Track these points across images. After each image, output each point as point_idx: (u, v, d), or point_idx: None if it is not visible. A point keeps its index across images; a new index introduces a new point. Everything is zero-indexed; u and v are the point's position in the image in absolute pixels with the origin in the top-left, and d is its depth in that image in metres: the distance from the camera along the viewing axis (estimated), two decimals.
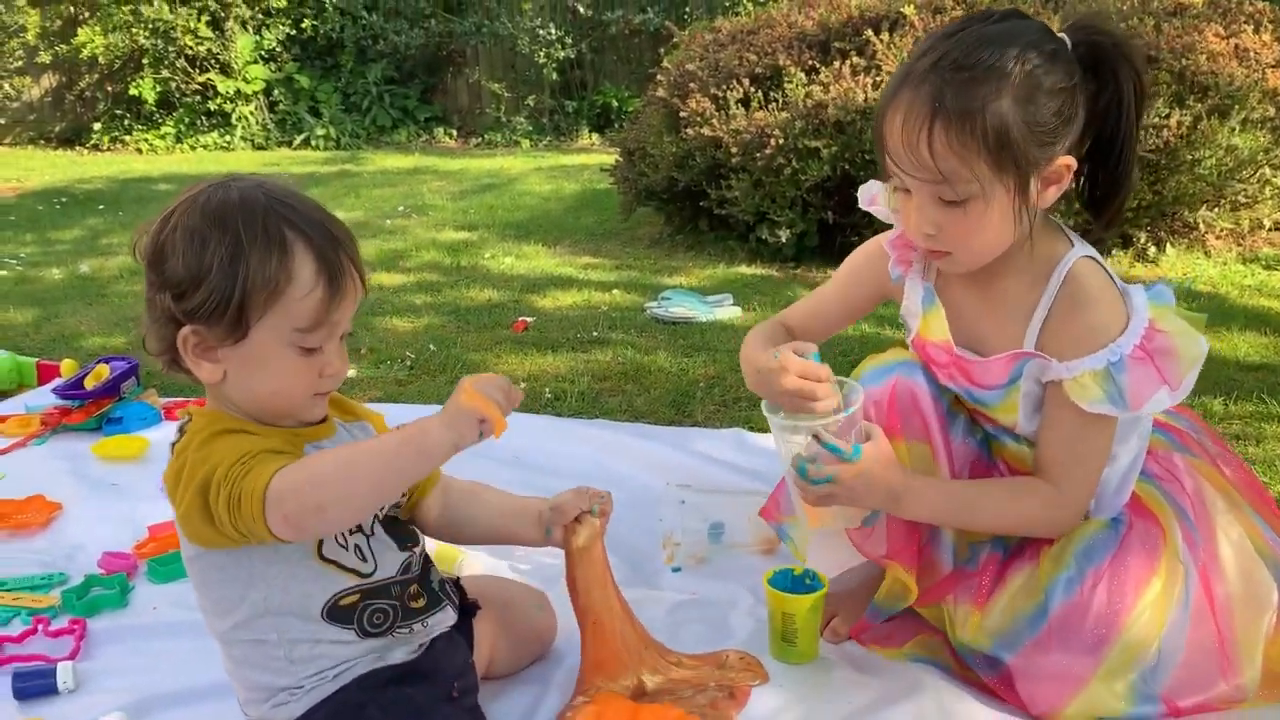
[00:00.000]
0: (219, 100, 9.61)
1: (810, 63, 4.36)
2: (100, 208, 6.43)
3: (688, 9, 9.27)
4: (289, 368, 1.23)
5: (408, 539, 1.36)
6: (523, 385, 2.83)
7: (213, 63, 9.58)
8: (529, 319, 3.53)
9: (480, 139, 9.73)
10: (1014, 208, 1.32)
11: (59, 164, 8.81)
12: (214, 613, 1.29)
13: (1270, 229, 4.32)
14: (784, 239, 4.22)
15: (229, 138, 9.68)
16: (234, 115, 9.68)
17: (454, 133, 9.96)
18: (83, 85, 10.13)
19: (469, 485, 1.52)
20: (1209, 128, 3.77)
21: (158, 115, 9.80)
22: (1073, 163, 1.34)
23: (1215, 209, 4.14)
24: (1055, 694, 1.39)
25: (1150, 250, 4.08)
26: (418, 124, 9.95)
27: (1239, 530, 1.47)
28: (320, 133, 9.55)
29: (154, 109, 9.74)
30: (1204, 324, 1.39)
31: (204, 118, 9.74)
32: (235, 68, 9.59)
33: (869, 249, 1.63)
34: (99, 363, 2.69)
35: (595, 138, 9.49)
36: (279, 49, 9.84)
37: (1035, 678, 1.40)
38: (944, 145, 1.28)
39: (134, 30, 9.45)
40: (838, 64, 4.22)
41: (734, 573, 1.83)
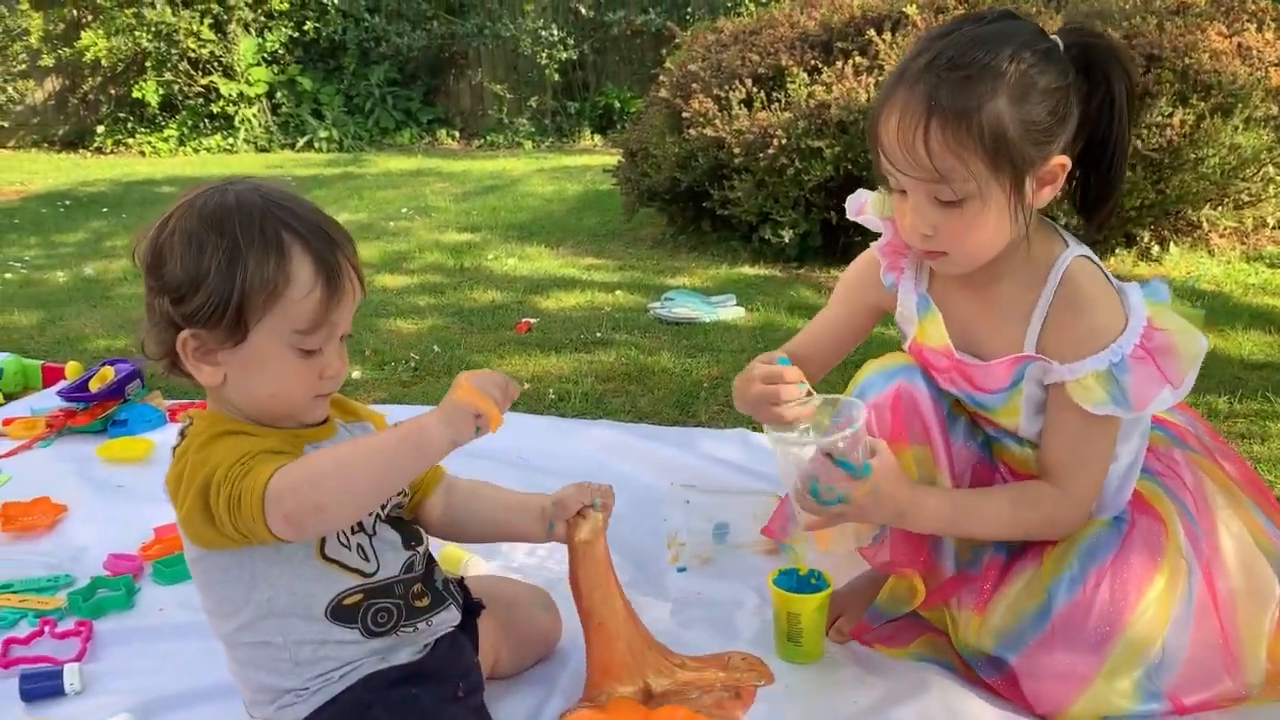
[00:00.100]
0: (222, 103, 9.64)
1: (813, 63, 4.36)
2: (104, 210, 6.44)
3: (689, 9, 9.27)
4: (289, 370, 1.23)
5: (411, 538, 1.36)
6: (526, 386, 2.83)
7: (215, 65, 9.60)
8: (532, 320, 3.53)
9: (483, 140, 9.74)
10: (1010, 207, 1.32)
11: (63, 167, 8.83)
12: (218, 615, 1.29)
13: (1274, 227, 4.31)
14: (787, 239, 4.22)
15: (232, 140, 9.70)
16: (237, 118, 9.70)
17: (456, 134, 9.98)
18: (86, 88, 10.14)
19: (471, 484, 1.52)
20: (1212, 126, 3.76)
21: (161, 118, 9.83)
22: (1067, 163, 1.34)
23: (1219, 208, 4.14)
24: (1061, 693, 1.39)
25: (1154, 249, 4.08)
26: (420, 126, 9.97)
27: (1240, 525, 1.47)
28: (323, 135, 9.57)
29: (157, 112, 9.77)
30: (1202, 320, 1.39)
31: (207, 120, 9.76)
32: (238, 70, 9.61)
33: (859, 264, 1.64)
34: (104, 365, 2.69)
35: (597, 139, 9.50)
36: (282, 51, 9.86)
37: (1040, 677, 1.40)
38: (940, 144, 1.28)
39: (137, 33, 9.48)
40: (840, 64, 4.22)
41: (739, 573, 1.83)
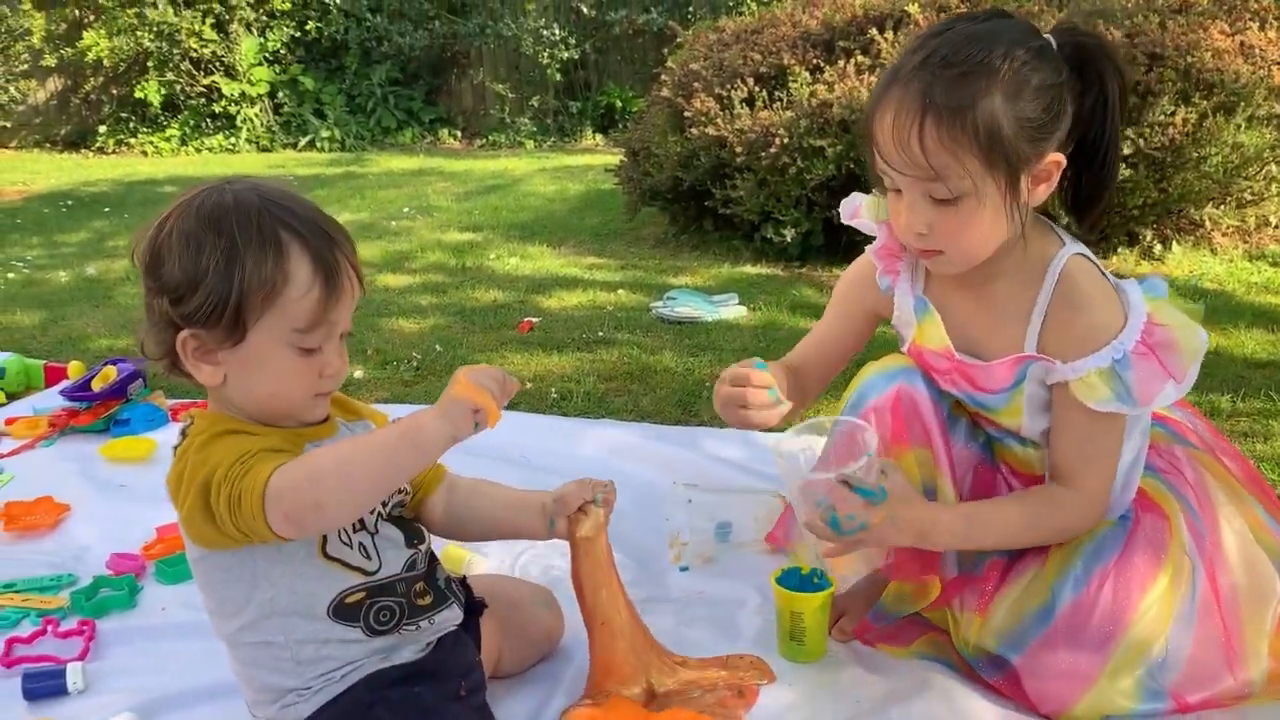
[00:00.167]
0: (224, 103, 9.64)
1: (815, 62, 4.36)
2: (106, 210, 6.45)
3: (691, 9, 9.27)
4: (288, 368, 1.23)
5: (413, 536, 1.36)
6: (529, 386, 2.83)
7: (217, 65, 9.60)
8: (534, 319, 3.53)
9: (485, 140, 9.73)
10: (1005, 205, 1.31)
11: (65, 167, 8.84)
12: (220, 614, 1.29)
13: (1276, 226, 4.30)
14: (789, 238, 4.22)
15: (234, 140, 9.70)
16: (239, 117, 9.71)
17: (458, 134, 9.98)
18: (88, 88, 10.15)
19: (472, 482, 1.52)
20: (1214, 125, 3.75)
21: (163, 118, 9.83)
22: (1062, 160, 1.34)
23: (1221, 206, 4.14)
24: (1065, 692, 1.39)
25: (1156, 248, 4.07)
26: (422, 125, 9.97)
27: (1241, 521, 1.47)
28: (325, 135, 9.57)
29: (159, 111, 9.77)
30: (1201, 315, 1.38)
31: (209, 120, 9.77)
32: (240, 70, 9.62)
33: (855, 269, 1.63)
34: (106, 364, 2.69)
35: (599, 138, 9.49)
36: (283, 51, 9.86)
37: (1043, 676, 1.40)
38: (935, 141, 1.27)
39: (139, 33, 9.48)
40: (842, 63, 4.22)
41: (741, 572, 1.83)
